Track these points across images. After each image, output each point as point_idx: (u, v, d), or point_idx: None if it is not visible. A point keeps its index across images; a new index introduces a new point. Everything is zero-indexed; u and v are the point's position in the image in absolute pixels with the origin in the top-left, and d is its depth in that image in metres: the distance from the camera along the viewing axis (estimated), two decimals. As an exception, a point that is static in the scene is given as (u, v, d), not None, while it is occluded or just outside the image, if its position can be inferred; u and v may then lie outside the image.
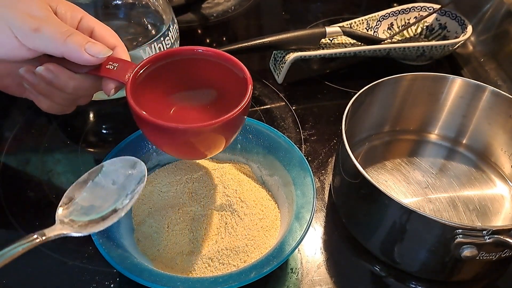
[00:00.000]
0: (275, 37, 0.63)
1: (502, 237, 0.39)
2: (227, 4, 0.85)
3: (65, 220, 0.36)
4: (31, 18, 0.37)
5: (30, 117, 0.62)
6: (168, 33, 0.59)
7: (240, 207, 0.46)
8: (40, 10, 0.38)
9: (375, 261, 0.47)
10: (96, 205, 0.38)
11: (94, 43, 0.39)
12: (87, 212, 0.37)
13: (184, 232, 0.44)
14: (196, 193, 0.47)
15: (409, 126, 0.58)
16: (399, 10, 0.74)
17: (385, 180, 0.53)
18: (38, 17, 0.38)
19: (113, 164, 0.40)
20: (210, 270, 0.42)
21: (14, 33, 0.37)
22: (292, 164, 0.47)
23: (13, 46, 0.38)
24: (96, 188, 0.39)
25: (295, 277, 0.45)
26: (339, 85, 0.68)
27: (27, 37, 0.37)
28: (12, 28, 0.37)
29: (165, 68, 0.43)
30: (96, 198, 0.38)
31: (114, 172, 0.40)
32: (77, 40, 0.38)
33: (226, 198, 0.47)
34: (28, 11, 0.38)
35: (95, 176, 0.40)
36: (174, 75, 0.44)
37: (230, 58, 0.42)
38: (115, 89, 0.41)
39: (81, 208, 0.38)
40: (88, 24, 0.41)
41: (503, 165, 0.54)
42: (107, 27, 0.42)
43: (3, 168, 0.54)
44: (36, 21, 0.37)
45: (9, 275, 0.44)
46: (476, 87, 0.53)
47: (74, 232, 0.36)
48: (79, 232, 0.36)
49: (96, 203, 0.38)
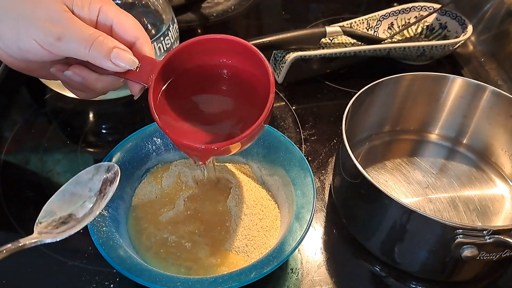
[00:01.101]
0: (275, 36, 0.63)
1: (502, 237, 0.39)
2: (227, 4, 0.85)
3: (43, 231, 0.37)
4: (52, 26, 0.37)
5: (30, 117, 0.62)
6: (168, 32, 0.58)
7: (240, 207, 0.46)
8: (59, 13, 0.38)
9: (375, 261, 0.47)
10: (74, 213, 0.39)
11: (119, 52, 0.38)
12: (65, 221, 0.38)
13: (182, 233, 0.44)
14: (194, 193, 0.47)
15: (410, 126, 0.58)
16: (399, 9, 0.74)
17: (386, 180, 0.53)
18: (59, 24, 0.37)
19: (87, 173, 0.42)
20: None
21: (38, 43, 0.38)
22: (292, 164, 0.47)
23: (40, 52, 0.38)
24: (73, 198, 0.40)
25: (295, 277, 0.45)
26: (339, 85, 0.68)
27: (52, 46, 0.38)
28: (36, 39, 0.37)
29: (188, 64, 0.41)
30: (73, 207, 0.39)
31: (89, 180, 0.41)
32: (101, 49, 0.38)
33: (225, 198, 0.47)
34: (48, 18, 0.37)
35: (72, 187, 0.41)
36: (197, 70, 0.42)
37: (258, 56, 0.39)
38: (140, 90, 0.41)
39: (59, 218, 0.38)
40: (107, 16, 0.40)
41: (504, 165, 0.54)
42: (127, 17, 0.41)
43: (3, 168, 0.54)
44: (57, 29, 0.37)
45: (9, 275, 0.44)
46: (476, 87, 0.53)
47: (50, 238, 0.36)
48: (55, 238, 0.36)
49: (74, 211, 0.39)
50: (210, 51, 0.41)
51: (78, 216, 0.38)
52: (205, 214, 0.46)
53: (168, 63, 0.40)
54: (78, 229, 0.37)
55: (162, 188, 0.48)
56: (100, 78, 0.41)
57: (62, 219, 0.38)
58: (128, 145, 0.48)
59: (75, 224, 0.38)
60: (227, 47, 0.41)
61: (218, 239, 0.44)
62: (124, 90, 0.59)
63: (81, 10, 0.39)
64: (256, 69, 0.40)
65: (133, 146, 0.48)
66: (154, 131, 0.49)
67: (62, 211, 0.39)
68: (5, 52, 0.39)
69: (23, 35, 0.38)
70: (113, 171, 0.41)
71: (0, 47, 0.39)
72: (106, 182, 0.41)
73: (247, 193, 0.47)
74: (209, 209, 0.46)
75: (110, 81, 0.42)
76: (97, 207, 0.39)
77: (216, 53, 0.41)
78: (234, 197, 0.47)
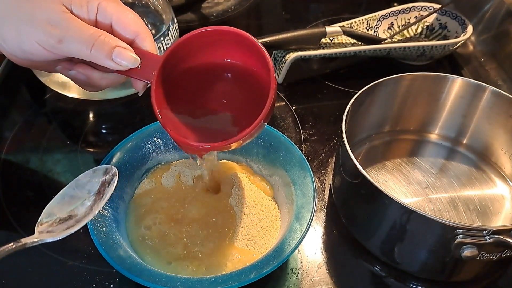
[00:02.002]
0: (275, 36, 0.63)
1: (502, 237, 0.39)
2: (227, 4, 0.85)
3: (44, 230, 0.38)
4: (52, 29, 0.37)
5: (30, 117, 0.62)
6: (168, 32, 0.58)
7: (240, 207, 0.46)
8: (58, 14, 0.38)
9: (375, 261, 0.47)
10: (73, 212, 0.40)
11: (120, 51, 0.39)
12: (65, 220, 0.39)
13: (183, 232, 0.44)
14: (195, 193, 0.47)
15: (410, 126, 0.58)
16: (399, 9, 0.74)
17: (385, 180, 0.53)
18: (59, 26, 0.38)
19: (86, 176, 0.42)
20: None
21: (40, 45, 0.38)
22: (292, 164, 0.47)
23: (43, 53, 0.39)
24: (72, 200, 0.41)
25: (295, 277, 0.45)
26: (339, 85, 0.68)
27: (54, 47, 0.38)
28: (38, 42, 0.38)
29: (189, 58, 0.41)
30: (73, 209, 0.40)
31: (87, 183, 0.42)
32: (103, 49, 0.38)
33: (226, 198, 0.47)
34: (48, 20, 0.38)
35: (71, 190, 0.41)
36: (198, 65, 0.42)
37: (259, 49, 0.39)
38: (143, 86, 0.42)
39: (59, 219, 0.39)
40: (106, 13, 0.40)
41: (504, 165, 0.54)
42: (127, 13, 0.41)
43: (3, 168, 0.54)
44: (57, 31, 0.37)
45: (9, 275, 0.44)
46: (476, 87, 0.53)
47: (50, 237, 0.37)
48: (55, 237, 0.37)
49: (73, 211, 0.40)
50: (211, 43, 0.41)
51: (78, 216, 0.39)
52: (205, 214, 0.46)
53: (169, 58, 0.40)
54: (77, 228, 0.38)
55: (161, 188, 0.48)
56: (104, 76, 0.42)
57: (62, 219, 0.39)
58: (128, 145, 0.48)
59: (74, 223, 0.38)
60: (227, 39, 0.40)
61: (218, 238, 0.44)
62: (124, 90, 0.59)
63: (80, 9, 0.39)
64: (258, 64, 0.40)
65: (133, 146, 0.48)
66: (154, 131, 0.49)
67: (62, 213, 0.39)
68: (9, 53, 0.40)
69: (25, 38, 0.38)
70: (111, 173, 0.42)
71: (4, 48, 0.40)
72: (105, 183, 0.41)
73: (247, 193, 0.47)
74: (209, 209, 0.46)
75: (114, 78, 0.42)
76: (96, 207, 0.39)
77: (217, 46, 0.41)
78: (234, 197, 0.47)
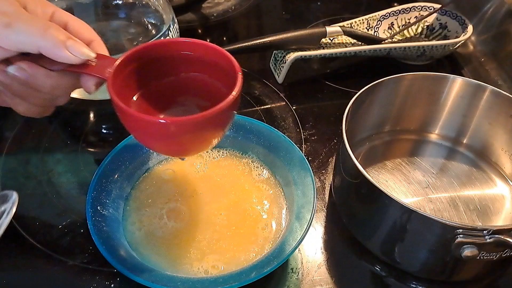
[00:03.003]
0: (275, 37, 0.63)
1: (502, 237, 0.39)
2: (227, 4, 0.85)
3: None
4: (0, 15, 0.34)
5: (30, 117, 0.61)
6: (168, 32, 0.58)
7: (240, 207, 0.46)
8: (9, 5, 0.35)
9: (375, 261, 0.47)
10: None
11: (76, 41, 0.36)
12: None
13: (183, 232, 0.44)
14: (196, 193, 0.47)
15: (410, 126, 0.58)
16: (399, 9, 0.74)
17: (386, 180, 0.53)
18: (8, 13, 0.34)
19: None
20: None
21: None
22: (292, 164, 0.47)
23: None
24: None
25: (295, 277, 0.45)
26: (340, 85, 0.68)
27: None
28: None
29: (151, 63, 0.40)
30: None
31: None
32: (57, 34, 0.35)
33: (226, 198, 0.47)
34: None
35: None
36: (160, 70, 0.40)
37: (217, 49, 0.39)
38: (96, 85, 0.38)
39: None
40: (61, 18, 0.38)
41: (504, 164, 0.54)
42: (81, 21, 0.39)
43: (3, 168, 0.54)
44: (6, 16, 0.34)
45: (9, 275, 0.44)
46: (476, 86, 0.53)
47: None
48: None
49: None
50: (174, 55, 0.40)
51: None
52: (205, 213, 0.46)
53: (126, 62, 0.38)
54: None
55: (162, 188, 0.48)
56: (50, 74, 0.37)
57: None
58: (128, 145, 0.48)
59: None
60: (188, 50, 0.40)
61: (218, 238, 0.44)
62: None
63: (34, 10, 0.37)
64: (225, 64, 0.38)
65: (133, 146, 0.48)
66: (154, 131, 0.49)
67: None
68: None
69: None
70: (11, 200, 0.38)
71: None
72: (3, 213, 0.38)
73: (247, 193, 0.47)
74: (209, 209, 0.46)
75: (61, 79, 0.37)
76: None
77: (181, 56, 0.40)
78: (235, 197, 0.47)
